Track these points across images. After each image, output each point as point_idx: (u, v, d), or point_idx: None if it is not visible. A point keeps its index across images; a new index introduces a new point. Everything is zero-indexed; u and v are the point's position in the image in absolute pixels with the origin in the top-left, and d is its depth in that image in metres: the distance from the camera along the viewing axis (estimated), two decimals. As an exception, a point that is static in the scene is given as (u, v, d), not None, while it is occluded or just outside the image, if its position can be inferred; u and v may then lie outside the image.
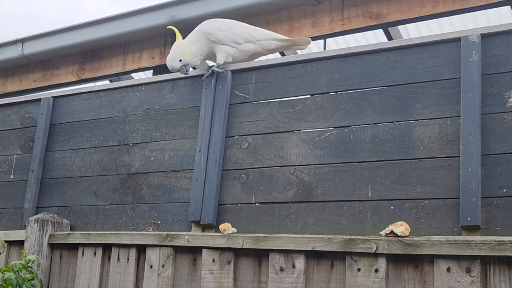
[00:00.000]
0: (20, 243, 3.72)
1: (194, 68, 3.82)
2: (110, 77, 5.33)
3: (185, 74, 3.44)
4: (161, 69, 4.84)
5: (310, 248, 2.74)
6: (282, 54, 4.99)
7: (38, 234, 3.56)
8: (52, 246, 3.59)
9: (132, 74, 5.65)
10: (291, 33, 4.29)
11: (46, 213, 3.68)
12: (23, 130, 4.16)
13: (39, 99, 4.11)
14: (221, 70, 3.34)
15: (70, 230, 3.67)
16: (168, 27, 3.61)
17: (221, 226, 3.06)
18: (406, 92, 2.85)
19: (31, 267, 3.28)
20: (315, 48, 5.45)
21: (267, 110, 3.21)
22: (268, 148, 3.15)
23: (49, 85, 5.50)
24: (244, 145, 3.22)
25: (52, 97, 4.06)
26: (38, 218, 3.58)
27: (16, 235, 3.75)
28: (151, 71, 5.15)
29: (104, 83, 5.16)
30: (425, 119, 2.77)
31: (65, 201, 3.79)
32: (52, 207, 3.82)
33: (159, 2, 4.64)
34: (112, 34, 4.93)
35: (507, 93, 2.62)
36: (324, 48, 5.28)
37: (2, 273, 3.11)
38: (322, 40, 5.27)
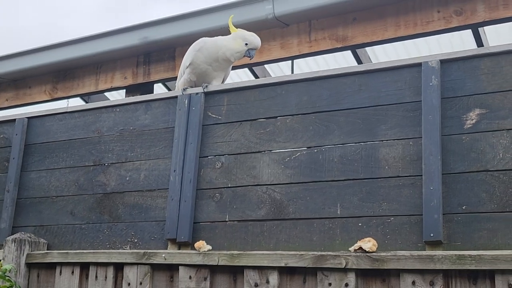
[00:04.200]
0: (-4, 263, 3.78)
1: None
2: (83, 96, 5.40)
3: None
4: (133, 88, 4.95)
5: (283, 264, 2.88)
6: (256, 76, 5.15)
7: (15, 254, 3.63)
8: (30, 266, 3.66)
9: (106, 94, 5.74)
10: (261, 54, 4.44)
11: (23, 233, 3.74)
12: (-2, 150, 4.22)
13: (14, 120, 4.17)
14: None
15: (47, 249, 3.74)
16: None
17: (196, 245, 3.17)
18: (371, 114, 3.02)
19: (8, 276, 3.36)
20: (285, 68, 5.61)
21: (239, 131, 3.34)
22: (240, 167, 3.28)
23: (21, 104, 5.55)
24: (217, 165, 3.35)
25: (27, 117, 4.13)
26: (15, 238, 3.65)
27: (-8, 255, 3.80)
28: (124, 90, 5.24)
29: (78, 103, 5.24)
30: (389, 140, 2.94)
31: (41, 221, 3.85)
32: (28, 227, 3.89)
33: (132, 24, 4.75)
34: (85, 54, 5.02)
35: (464, 116, 2.80)
36: (292, 69, 5.45)
37: (-19, 286, 3.19)
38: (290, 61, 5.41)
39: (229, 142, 3.35)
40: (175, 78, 5.08)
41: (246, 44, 3.58)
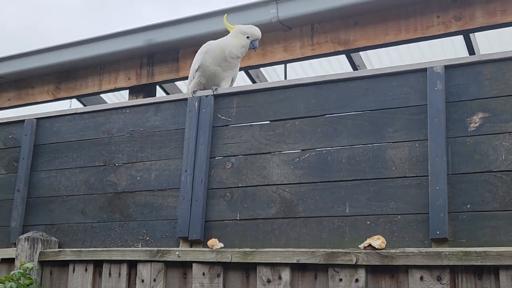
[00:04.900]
0: (8, 261, 3.86)
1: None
2: (86, 96, 5.49)
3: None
4: (137, 89, 5.04)
5: (295, 261, 3.01)
6: (253, 81, 5.27)
7: (28, 252, 3.72)
8: (43, 264, 3.75)
9: (109, 96, 5.82)
10: (264, 57, 4.56)
11: (35, 231, 3.83)
12: (7, 150, 4.30)
13: (23, 121, 4.25)
14: None
15: (58, 247, 3.83)
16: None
17: (209, 242, 3.29)
18: (378, 117, 3.15)
19: (29, 274, 3.47)
20: (280, 71, 5.72)
21: (249, 132, 3.46)
22: (251, 168, 3.39)
23: (24, 104, 5.62)
24: (228, 165, 3.46)
25: (36, 118, 4.21)
26: (28, 237, 3.74)
27: (5, 253, 3.89)
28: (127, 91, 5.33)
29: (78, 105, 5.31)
30: (396, 142, 3.07)
31: (52, 219, 3.94)
32: (39, 225, 3.97)
33: (137, 26, 4.84)
34: (89, 55, 5.10)
35: (468, 119, 2.94)
36: (285, 72, 5.57)
37: (3, 283, 3.29)
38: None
39: (239, 143, 3.46)
40: (178, 79, 5.20)
41: (248, 37, 3.71)
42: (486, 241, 2.75)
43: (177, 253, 3.33)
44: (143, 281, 3.40)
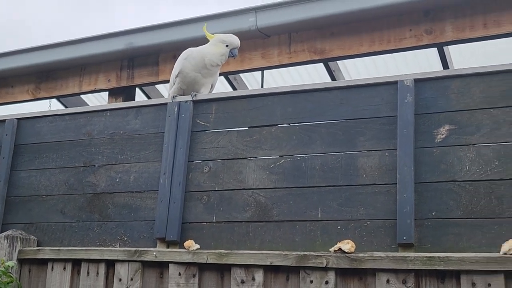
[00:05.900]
0: (-14, 258, 3.93)
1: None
2: (66, 97, 5.56)
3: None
4: (117, 91, 5.13)
5: (268, 263, 3.14)
6: (231, 84, 5.39)
7: (8, 250, 3.79)
8: (21, 262, 3.83)
9: (90, 97, 5.90)
10: (242, 63, 4.69)
11: (14, 230, 3.90)
12: (-14, 149, 4.35)
13: (4, 120, 4.32)
14: None
15: (37, 246, 3.91)
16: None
17: (186, 244, 3.40)
18: (351, 127, 3.29)
19: (10, 273, 3.55)
20: (259, 76, 5.86)
21: (227, 138, 3.58)
22: (227, 172, 3.51)
23: (3, 103, 5.66)
24: (205, 169, 3.58)
25: (17, 118, 4.28)
26: (8, 235, 3.81)
27: (-16, 250, 3.95)
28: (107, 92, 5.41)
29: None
30: (367, 150, 3.22)
31: (31, 218, 4.02)
32: (18, 224, 4.05)
33: (118, 30, 4.93)
34: (70, 57, 5.18)
35: (436, 131, 3.10)
36: (262, 80, 5.71)
37: (-17, 280, 3.38)
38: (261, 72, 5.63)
39: (217, 148, 3.58)
40: (157, 83, 5.30)
41: (227, 45, 3.84)
42: (449, 246, 2.91)
43: (154, 253, 3.43)
44: (120, 280, 3.50)
